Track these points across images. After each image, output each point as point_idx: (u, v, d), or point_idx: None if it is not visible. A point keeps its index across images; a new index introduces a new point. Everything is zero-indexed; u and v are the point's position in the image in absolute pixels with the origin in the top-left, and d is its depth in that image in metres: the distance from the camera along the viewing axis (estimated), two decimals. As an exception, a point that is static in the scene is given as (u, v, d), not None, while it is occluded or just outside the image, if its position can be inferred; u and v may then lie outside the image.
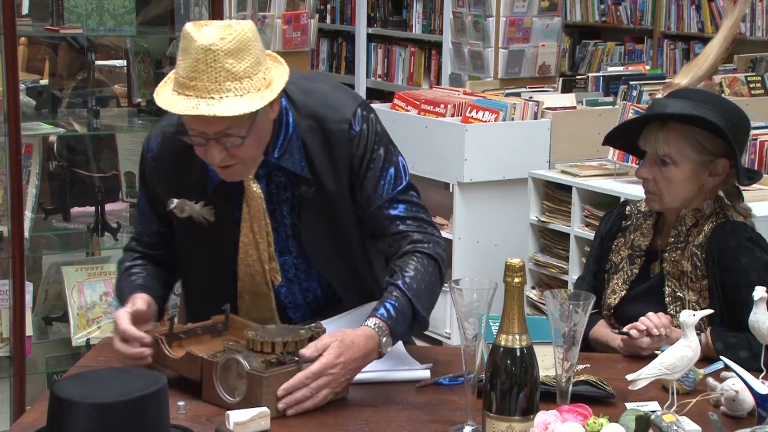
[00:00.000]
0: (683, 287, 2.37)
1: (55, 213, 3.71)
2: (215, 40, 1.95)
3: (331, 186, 2.16)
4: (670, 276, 2.38)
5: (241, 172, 2.11)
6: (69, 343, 3.54)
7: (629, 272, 2.46)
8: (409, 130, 4.89)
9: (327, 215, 2.19)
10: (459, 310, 1.85)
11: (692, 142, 2.34)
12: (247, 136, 2.03)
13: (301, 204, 2.19)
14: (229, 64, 1.95)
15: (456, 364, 2.04)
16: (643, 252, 2.46)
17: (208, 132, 2.01)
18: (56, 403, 1.68)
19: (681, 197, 2.38)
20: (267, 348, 1.98)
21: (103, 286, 3.61)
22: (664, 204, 2.41)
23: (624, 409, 1.90)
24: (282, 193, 2.19)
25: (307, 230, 2.21)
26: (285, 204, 2.20)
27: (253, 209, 2.16)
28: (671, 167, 2.36)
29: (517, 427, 1.74)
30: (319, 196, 2.17)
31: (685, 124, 2.34)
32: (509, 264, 1.76)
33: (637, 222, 2.50)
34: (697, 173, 2.36)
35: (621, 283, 2.46)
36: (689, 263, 2.36)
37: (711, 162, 2.36)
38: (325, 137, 2.15)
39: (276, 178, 2.18)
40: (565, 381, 1.84)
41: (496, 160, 4.70)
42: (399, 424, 1.93)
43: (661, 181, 2.38)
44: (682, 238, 2.38)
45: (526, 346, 1.76)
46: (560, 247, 4.58)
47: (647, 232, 2.47)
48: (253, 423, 1.86)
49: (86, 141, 3.81)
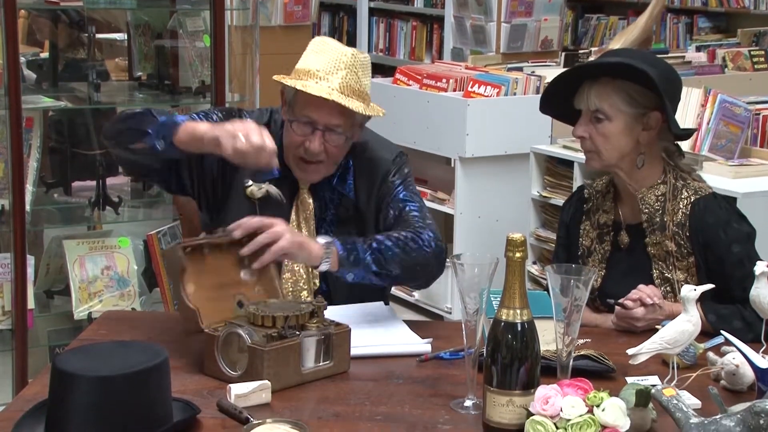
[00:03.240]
0: (670, 267, 2.38)
1: (56, 187, 3.71)
2: (355, 51, 2.32)
3: (364, 204, 2.42)
4: (656, 258, 2.39)
5: (320, 173, 2.37)
6: (70, 316, 3.55)
7: (602, 251, 2.48)
8: (411, 105, 4.88)
9: (357, 227, 2.41)
10: (460, 284, 1.85)
11: (623, 95, 2.36)
12: (347, 139, 2.33)
13: (339, 221, 2.42)
14: (361, 74, 2.31)
15: (457, 339, 2.05)
16: (610, 227, 2.47)
17: (320, 122, 2.30)
18: (58, 377, 1.68)
19: (618, 152, 2.39)
20: (268, 322, 1.99)
21: (104, 259, 3.62)
22: (603, 160, 2.41)
23: (624, 383, 1.91)
24: (326, 210, 2.42)
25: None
26: (327, 220, 2.42)
27: (302, 217, 2.38)
28: (605, 123, 2.37)
29: (518, 401, 1.75)
30: (354, 214, 2.42)
31: (616, 79, 2.36)
32: (510, 239, 1.76)
33: (597, 202, 2.51)
34: (631, 127, 2.37)
35: (597, 263, 2.47)
36: (672, 242, 2.37)
37: (644, 115, 2.37)
38: (371, 169, 2.43)
39: (325, 195, 2.42)
40: (566, 355, 1.85)
41: (497, 135, 4.69)
42: (400, 398, 1.94)
43: (597, 137, 2.39)
44: (656, 218, 2.38)
45: (527, 320, 1.77)
46: (561, 222, 4.58)
47: (609, 209, 2.48)
48: (254, 395, 1.87)
49: (87, 115, 3.80)
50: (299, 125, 2.32)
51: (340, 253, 2.21)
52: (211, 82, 3.65)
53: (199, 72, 3.73)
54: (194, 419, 1.80)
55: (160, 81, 3.80)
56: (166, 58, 3.79)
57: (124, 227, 3.78)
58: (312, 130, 2.31)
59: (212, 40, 3.63)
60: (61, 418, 1.66)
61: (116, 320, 2.38)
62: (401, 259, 2.27)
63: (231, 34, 3.99)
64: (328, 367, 2.03)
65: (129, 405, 1.66)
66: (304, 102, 2.30)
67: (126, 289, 3.62)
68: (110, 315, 2.46)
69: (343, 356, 2.06)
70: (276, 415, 1.82)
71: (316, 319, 2.04)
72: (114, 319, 2.39)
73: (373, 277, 2.26)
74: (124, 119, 2.32)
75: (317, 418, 1.84)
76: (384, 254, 2.25)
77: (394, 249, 2.26)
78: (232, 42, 4.03)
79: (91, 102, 3.63)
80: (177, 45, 3.75)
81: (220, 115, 2.40)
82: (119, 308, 3.53)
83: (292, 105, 2.34)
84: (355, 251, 2.23)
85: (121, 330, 2.25)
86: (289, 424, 1.75)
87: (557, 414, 1.70)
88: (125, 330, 2.25)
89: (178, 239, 2.96)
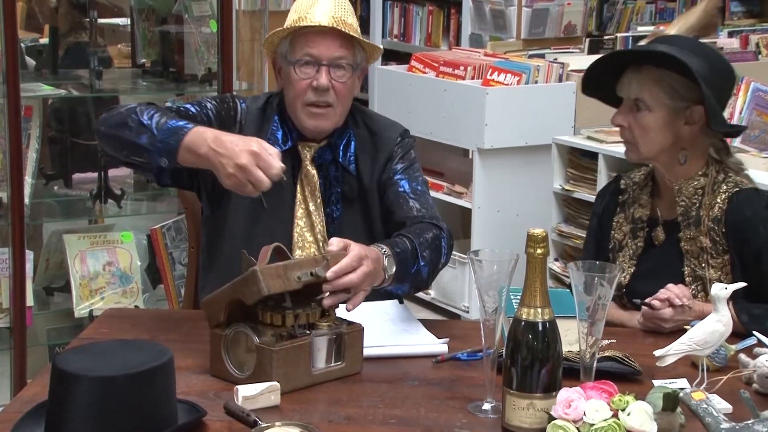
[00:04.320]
0: (703, 265, 2.36)
1: (56, 179, 3.72)
2: None
3: (367, 182, 2.45)
4: (689, 255, 2.38)
5: (330, 119, 2.40)
6: (71, 314, 3.56)
7: (634, 247, 2.47)
8: (427, 94, 4.87)
9: (363, 210, 2.45)
10: (479, 282, 1.85)
11: (666, 86, 2.34)
12: (352, 72, 2.39)
13: (344, 200, 2.45)
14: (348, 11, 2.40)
15: (475, 339, 2.05)
16: (645, 223, 2.46)
17: (323, 57, 2.36)
18: (58, 377, 1.69)
19: (656, 145, 2.38)
20: (277, 321, 1.99)
21: (106, 255, 3.63)
22: (640, 153, 2.41)
23: (651, 386, 1.90)
24: (330, 188, 2.44)
25: (347, 223, 2.43)
26: (332, 199, 2.44)
27: (307, 191, 2.41)
28: (645, 113, 2.36)
29: (539, 404, 1.75)
30: (359, 194, 2.45)
31: (660, 68, 2.34)
32: (531, 234, 1.76)
33: (634, 194, 2.50)
34: (672, 120, 2.36)
35: (628, 260, 2.46)
36: (707, 239, 2.36)
37: (686, 109, 2.35)
38: (374, 145, 2.47)
39: (330, 172, 2.44)
40: (590, 357, 1.84)
41: (518, 126, 4.68)
42: (414, 401, 1.94)
43: (636, 128, 2.38)
44: (692, 212, 2.37)
45: (548, 320, 1.77)
46: (585, 217, 4.57)
47: (645, 203, 2.47)
48: (262, 398, 1.88)
49: (88, 103, 3.81)
50: (303, 66, 2.36)
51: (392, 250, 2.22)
52: (218, 69, 3.66)
53: (205, 59, 3.73)
54: (200, 422, 1.80)
55: (164, 68, 3.81)
56: (170, 44, 3.80)
57: (127, 221, 3.80)
58: (317, 69, 2.36)
59: (219, 26, 3.63)
60: (61, 420, 1.67)
61: (118, 318, 2.39)
62: (433, 268, 2.33)
63: (239, 19, 3.99)
64: (340, 368, 2.03)
65: (132, 407, 1.67)
66: (303, 43, 2.36)
67: (129, 286, 3.63)
68: (112, 313, 2.47)
69: (355, 357, 2.06)
70: (285, 418, 1.82)
71: (328, 318, 2.04)
72: (116, 317, 2.40)
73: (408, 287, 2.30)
74: (116, 126, 2.27)
75: (328, 421, 1.85)
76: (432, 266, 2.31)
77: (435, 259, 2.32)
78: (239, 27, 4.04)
79: (92, 90, 3.65)
80: (182, 30, 3.76)
81: (214, 104, 2.43)
82: (122, 306, 3.55)
83: (288, 56, 2.38)
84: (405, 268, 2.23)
85: (124, 328, 2.26)
86: (298, 427, 1.75)
87: (580, 418, 1.70)
88: (128, 328, 2.26)
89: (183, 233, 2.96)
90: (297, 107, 2.40)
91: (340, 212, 2.45)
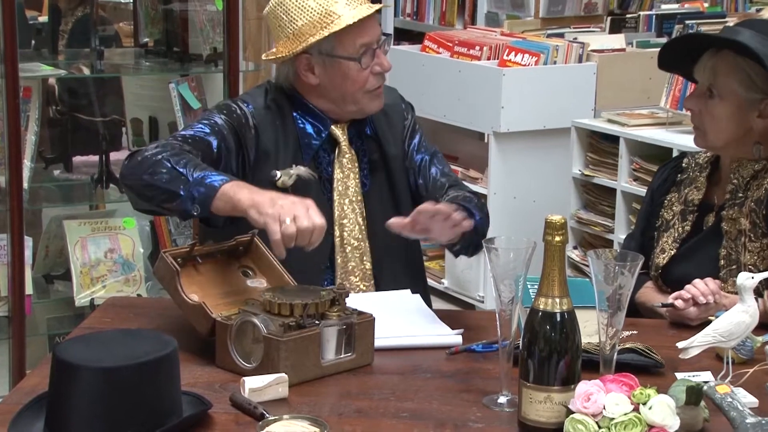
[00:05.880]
0: (740, 248, 2.35)
1: (56, 162, 3.73)
2: None
3: (390, 147, 2.54)
4: (727, 236, 2.37)
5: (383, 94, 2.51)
6: (71, 302, 3.58)
7: (680, 229, 2.45)
8: (441, 75, 4.87)
9: (387, 177, 2.54)
10: (494, 271, 1.85)
11: (741, 76, 2.32)
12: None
13: (372, 170, 2.54)
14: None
15: (490, 330, 2.05)
16: (696, 207, 2.44)
17: (374, 39, 2.44)
18: (59, 367, 1.70)
19: (724, 135, 2.36)
20: (285, 310, 1.99)
21: (107, 242, 3.64)
22: (707, 141, 2.40)
23: (674, 379, 1.90)
24: (359, 161, 2.52)
25: (375, 192, 2.52)
26: (362, 171, 2.53)
27: (346, 173, 2.50)
28: (716, 101, 2.34)
29: (557, 397, 1.75)
30: (381, 160, 2.54)
31: (739, 56, 2.31)
32: (549, 221, 1.76)
33: (693, 175, 2.48)
34: (744, 112, 2.34)
35: (671, 242, 2.45)
36: (747, 220, 2.35)
37: (761, 101, 2.33)
38: (384, 112, 2.55)
39: (358, 146, 2.53)
40: (610, 348, 1.84)
41: (535, 108, 4.67)
42: (427, 394, 1.94)
43: (705, 114, 2.36)
44: (740, 193, 2.36)
45: (566, 310, 1.77)
46: (605, 203, 4.57)
47: (701, 186, 2.45)
48: (270, 390, 1.88)
49: (89, 84, 3.82)
50: (367, 58, 2.43)
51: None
52: (224, 48, 3.65)
53: (210, 38, 3.73)
54: (205, 414, 1.81)
55: (168, 47, 3.82)
56: (175, 22, 3.80)
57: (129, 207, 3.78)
58: (373, 53, 2.44)
59: (225, 3, 3.63)
60: (62, 412, 1.68)
61: (121, 307, 2.39)
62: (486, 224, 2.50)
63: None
64: (350, 360, 2.04)
65: (135, 398, 1.68)
66: (353, 35, 2.41)
67: (131, 274, 3.65)
68: (114, 301, 2.47)
69: (366, 348, 2.06)
70: (293, 411, 1.83)
71: (338, 308, 2.05)
72: (118, 306, 2.40)
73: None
74: (146, 171, 2.27)
75: (338, 414, 1.85)
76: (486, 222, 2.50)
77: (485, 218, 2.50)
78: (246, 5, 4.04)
79: (93, 70, 3.65)
80: (187, 8, 3.76)
81: (223, 117, 2.43)
82: (124, 294, 3.56)
83: (336, 51, 2.41)
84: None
85: (126, 318, 2.27)
86: (307, 420, 1.76)
87: (599, 412, 1.70)
88: (130, 318, 2.27)
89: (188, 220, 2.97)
90: (357, 97, 2.46)
91: (369, 182, 2.53)
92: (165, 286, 2.11)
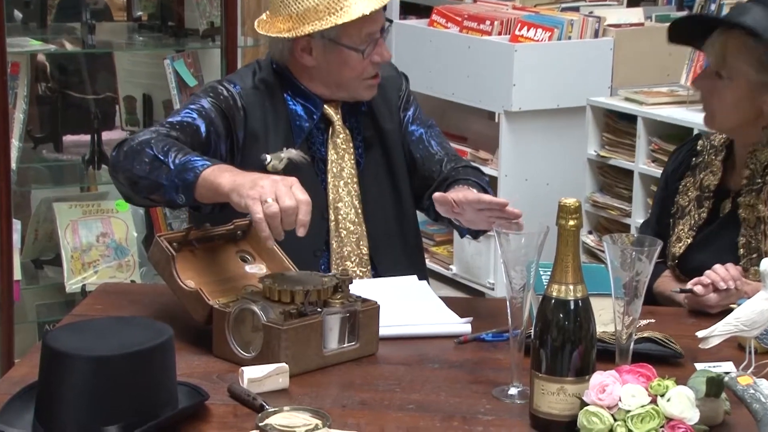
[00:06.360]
0: (760, 236, 2.35)
1: (46, 142, 3.73)
2: None
3: (387, 122, 2.56)
4: (745, 223, 2.37)
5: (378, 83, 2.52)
6: (62, 289, 3.59)
7: (696, 216, 2.45)
8: (449, 51, 4.86)
9: (384, 153, 2.55)
10: (505, 256, 1.85)
11: (752, 57, 2.31)
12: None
13: (366, 147, 2.55)
14: None
15: (500, 318, 2.05)
16: (712, 193, 2.44)
17: (376, 29, 2.44)
18: (49, 356, 1.70)
19: (734, 118, 2.36)
20: (286, 297, 2.00)
21: (100, 225, 3.65)
22: (715, 123, 2.40)
23: (693, 370, 1.91)
24: (354, 139, 2.53)
25: (371, 169, 2.53)
26: (357, 149, 2.54)
27: (341, 154, 2.50)
28: (725, 82, 2.34)
29: (570, 389, 1.75)
30: (377, 137, 2.55)
31: (751, 37, 2.30)
32: (563, 205, 1.76)
33: (708, 158, 2.48)
34: (755, 94, 2.34)
35: (687, 230, 2.45)
36: (766, 207, 2.34)
37: None
38: (379, 84, 2.53)
39: (352, 123, 2.54)
40: (626, 338, 1.85)
41: (549, 86, 4.67)
42: (435, 385, 1.95)
43: (714, 97, 2.37)
44: (758, 179, 2.36)
45: (581, 297, 1.77)
46: (622, 185, 4.57)
47: (717, 170, 2.45)
48: (269, 380, 1.89)
49: (80, 60, 3.81)
50: (370, 48, 2.44)
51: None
52: (221, 23, 3.65)
53: (207, 12, 3.73)
54: (202, 406, 1.81)
55: (162, 22, 3.81)
56: (170, -5, 3.79)
57: (123, 189, 3.80)
58: (374, 42, 2.45)
59: (222, -25, 3.62)
60: (52, 403, 1.69)
61: (114, 294, 2.40)
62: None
63: (244, -32, 3.99)
64: (354, 349, 2.04)
65: (128, 389, 1.68)
66: (361, 24, 2.40)
67: (124, 259, 3.65)
68: (107, 288, 2.48)
69: (370, 337, 2.07)
70: (294, 403, 1.83)
71: (341, 295, 2.05)
72: (111, 293, 2.41)
73: None
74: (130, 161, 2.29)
75: (341, 406, 1.86)
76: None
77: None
78: (244, -23, 4.02)
79: (84, 45, 3.65)
80: (182, -20, 3.75)
81: (210, 100, 2.44)
82: (117, 280, 3.57)
83: (341, 38, 2.42)
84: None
85: (120, 305, 2.27)
86: (308, 412, 1.76)
87: (615, 404, 1.70)
88: (124, 305, 2.28)
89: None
90: (353, 85, 2.48)
91: (363, 161, 2.54)
92: (160, 271, 2.12)
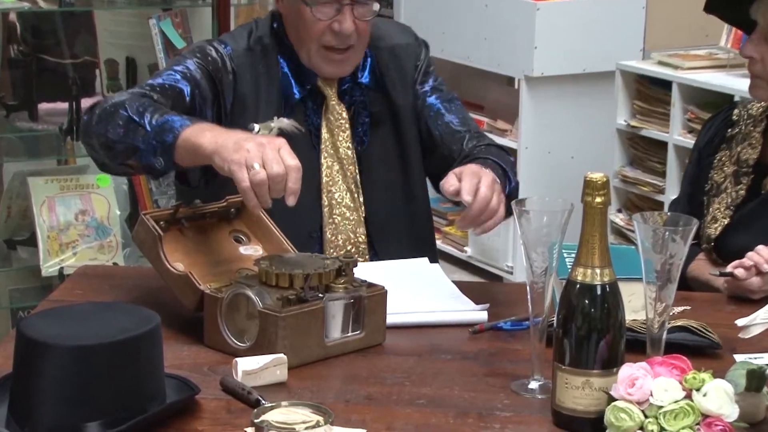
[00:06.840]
0: None
1: (19, 110, 3.74)
2: None
3: (400, 97, 2.55)
4: None
5: (351, 62, 2.48)
6: (38, 272, 3.60)
7: (733, 194, 2.45)
8: (465, 11, 4.85)
9: (395, 131, 2.55)
10: (525, 237, 1.86)
11: None
12: (374, 11, 2.45)
13: (373, 124, 2.55)
14: None
15: (520, 305, 2.06)
16: (751, 168, 2.44)
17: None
18: (24, 345, 1.71)
19: None
20: (284, 282, 2.01)
21: (79, 202, 3.66)
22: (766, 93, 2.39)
23: (732, 361, 1.91)
24: (358, 115, 2.54)
25: (377, 147, 2.53)
26: (361, 124, 2.54)
27: (335, 129, 2.50)
28: None
29: (596, 382, 1.76)
30: (389, 112, 2.55)
31: None
32: (589, 180, 1.76)
33: (745, 130, 2.48)
34: None
35: (723, 209, 2.45)
36: None
37: None
38: (395, 56, 2.57)
39: (354, 97, 2.54)
40: (658, 327, 1.85)
41: (574, 49, 4.66)
42: (448, 377, 1.95)
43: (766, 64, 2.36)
44: None
45: (608, 282, 1.77)
46: (655, 159, 4.56)
47: (756, 143, 2.45)
48: (266, 373, 1.90)
49: (56, 19, 3.81)
50: (322, 7, 2.40)
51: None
52: (213, -22, 3.65)
53: (197, -35, 3.73)
54: (192, 400, 1.82)
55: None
56: (155, -53, 3.79)
57: (104, 162, 3.81)
58: (338, 8, 2.40)
59: (214, -75, 3.62)
60: (28, 396, 1.69)
61: (94, 277, 2.41)
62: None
63: None
64: (359, 339, 2.05)
65: (112, 381, 1.69)
66: None
67: (106, 239, 3.66)
68: (87, 271, 2.49)
69: (377, 325, 2.07)
70: (293, 397, 1.84)
71: (344, 279, 2.06)
72: (92, 276, 2.42)
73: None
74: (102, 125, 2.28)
75: (344, 401, 1.86)
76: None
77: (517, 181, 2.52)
78: (237, -73, 4.01)
79: (61, 3, 3.65)
80: (169, -69, 3.75)
81: (197, 61, 2.44)
82: (98, 262, 3.58)
83: None
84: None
85: (101, 289, 2.28)
86: (309, 408, 1.77)
87: (646, 399, 1.71)
88: (105, 289, 2.29)
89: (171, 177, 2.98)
90: (311, 49, 2.45)
91: (368, 138, 2.53)
92: (145, 253, 2.12)
